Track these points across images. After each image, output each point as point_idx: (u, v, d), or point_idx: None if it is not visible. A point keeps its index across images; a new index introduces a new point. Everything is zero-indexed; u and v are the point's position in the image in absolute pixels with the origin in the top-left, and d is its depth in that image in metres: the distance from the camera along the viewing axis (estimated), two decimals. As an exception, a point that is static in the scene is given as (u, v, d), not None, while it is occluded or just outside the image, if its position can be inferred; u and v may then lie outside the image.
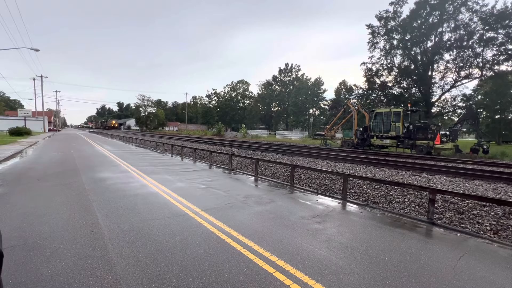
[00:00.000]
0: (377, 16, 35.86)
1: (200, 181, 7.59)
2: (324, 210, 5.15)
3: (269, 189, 6.99)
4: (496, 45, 29.43)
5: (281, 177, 8.99)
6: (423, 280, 2.75)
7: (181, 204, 5.22)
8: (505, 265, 3.18)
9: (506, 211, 5.01)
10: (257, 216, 4.71)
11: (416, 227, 4.42)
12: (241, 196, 6.03)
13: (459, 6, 30.72)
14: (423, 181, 7.56)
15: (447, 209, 5.40)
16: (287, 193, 6.55)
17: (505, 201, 4.44)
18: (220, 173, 9.28)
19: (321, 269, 2.90)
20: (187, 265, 2.90)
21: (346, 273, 2.84)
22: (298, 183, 8.07)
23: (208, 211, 4.82)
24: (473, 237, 4.04)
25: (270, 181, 8.05)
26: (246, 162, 11.67)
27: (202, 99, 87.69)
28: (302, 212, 4.98)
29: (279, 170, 9.80)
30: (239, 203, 5.46)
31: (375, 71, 37.55)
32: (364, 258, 3.20)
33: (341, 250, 3.40)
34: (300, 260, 3.09)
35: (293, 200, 5.94)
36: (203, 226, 4.10)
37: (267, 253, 3.24)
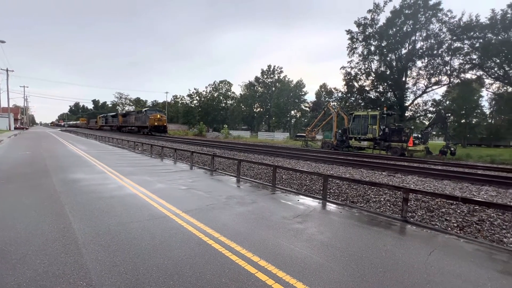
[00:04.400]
0: (356, 22, 37.26)
1: (181, 182, 7.43)
2: (305, 210, 5.25)
3: (251, 189, 7.00)
4: (462, 55, 31.71)
5: (263, 178, 9.04)
6: (397, 275, 2.89)
7: (161, 206, 5.08)
8: (470, 259, 3.42)
9: (470, 209, 5.40)
10: (240, 217, 4.70)
11: (391, 225, 4.64)
12: (223, 197, 5.99)
13: (430, 17, 32.74)
14: (397, 181, 7.95)
15: (419, 208, 5.72)
16: (269, 193, 6.60)
17: (470, 200, 4.80)
18: (201, 174, 9.15)
19: (303, 268, 2.95)
20: (167, 269, 2.83)
21: (326, 271, 2.92)
22: (280, 183, 8.16)
23: (189, 213, 4.73)
24: (442, 234, 4.31)
25: (252, 182, 8.06)
26: (228, 163, 11.61)
27: (184, 98, 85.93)
28: (284, 212, 5.04)
29: (261, 171, 9.85)
30: (221, 204, 5.42)
31: (354, 75, 38.95)
32: (343, 256, 3.31)
33: (322, 249, 3.49)
34: (282, 259, 3.13)
35: (275, 200, 5.99)
36: (184, 228, 4.03)
37: (249, 253, 3.24)
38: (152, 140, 23.15)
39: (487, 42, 29.29)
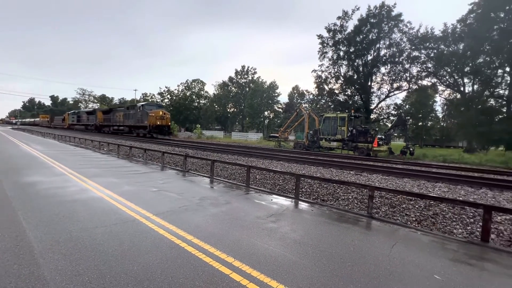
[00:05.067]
0: (326, 28, 38.85)
1: (151, 184, 7.13)
2: (278, 209, 5.35)
3: (225, 190, 6.96)
4: (420, 63, 34.67)
5: (237, 178, 9.02)
6: (364, 267, 3.08)
7: (129, 209, 4.83)
8: (426, 249, 3.76)
9: (426, 204, 5.92)
10: (213, 218, 4.64)
11: (358, 221, 4.91)
12: (196, 198, 5.87)
13: (392, 27, 35.28)
14: (364, 180, 8.44)
15: (383, 204, 6.13)
16: (243, 193, 6.61)
17: (426, 195, 5.27)
18: (173, 175, 8.87)
19: (276, 266, 3.01)
20: (137, 274, 2.70)
21: (299, 268, 3.00)
22: (253, 183, 8.21)
23: (160, 215, 4.56)
24: (402, 227, 4.67)
25: (226, 182, 8.01)
26: (201, 163, 11.40)
27: (154, 96, 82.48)
28: (258, 212, 5.08)
29: (235, 171, 9.82)
30: (194, 206, 5.30)
31: (324, 79, 40.58)
32: (315, 252, 3.43)
33: (294, 247, 3.58)
34: (256, 259, 3.15)
35: (249, 200, 6.02)
36: (155, 231, 3.87)
37: (223, 255, 3.22)
38: (119, 140, 21.86)
39: (440, 52, 32.35)
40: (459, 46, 31.40)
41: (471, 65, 30.53)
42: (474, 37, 28.72)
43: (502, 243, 4.34)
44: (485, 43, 28.62)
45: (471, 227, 4.81)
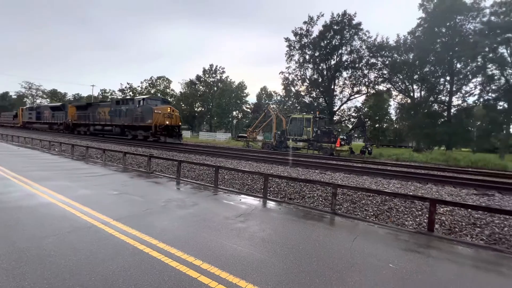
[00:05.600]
0: (293, 31, 40.11)
1: (112, 187, 6.65)
2: (247, 209, 5.37)
3: (193, 191, 6.78)
4: (377, 69, 37.65)
5: (205, 179, 8.85)
6: (328, 262, 3.24)
7: (86, 215, 4.44)
8: (383, 241, 4.09)
9: (382, 199, 6.44)
10: (180, 220, 4.49)
11: (323, 217, 5.16)
12: (162, 201, 5.62)
13: (353, 35, 37.73)
14: (327, 178, 8.88)
15: (345, 200, 6.52)
16: (211, 194, 6.51)
17: (382, 191, 5.74)
18: (136, 176, 8.38)
19: (245, 266, 3.02)
20: (95, 286, 2.50)
21: (268, 266, 3.05)
22: (222, 184, 8.13)
23: (122, 220, 4.28)
24: (362, 222, 5.03)
25: (193, 183, 7.80)
26: (167, 164, 10.94)
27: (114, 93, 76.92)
28: (226, 213, 5.05)
29: (202, 172, 9.62)
30: (159, 209, 5.07)
31: (291, 81, 41.87)
32: (282, 250, 3.52)
33: (263, 246, 3.63)
34: (225, 260, 3.13)
35: (217, 201, 5.95)
36: (116, 237, 3.62)
37: (191, 258, 3.13)
38: (73, 140, 19.94)
39: (393, 61, 35.51)
40: (410, 55, 34.78)
41: (419, 73, 34.02)
42: (422, 48, 32.05)
43: (444, 232, 4.90)
44: (430, 54, 32.10)
45: (419, 219, 5.36)
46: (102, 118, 25.75)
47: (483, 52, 27.69)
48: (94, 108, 27.37)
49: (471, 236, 4.69)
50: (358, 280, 2.85)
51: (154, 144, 19.07)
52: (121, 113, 23.62)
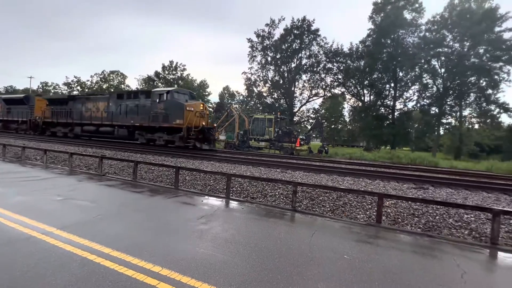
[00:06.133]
0: (255, 33, 40.64)
1: (55, 192, 5.92)
2: (209, 210, 5.28)
3: (151, 194, 6.41)
4: (333, 74, 40.27)
5: (165, 180, 8.44)
6: (289, 257, 3.36)
7: (22, 225, 3.88)
8: (338, 234, 4.39)
9: (338, 195, 6.91)
10: (137, 225, 4.21)
11: (284, 215, 5.33)
12: (115, 205, 5.20)
13: (312, 40, 39.75)
14: (288, 176, 9.20)
15: (304, 198, 6.83)
16: (171, 196, 6.23)
17: (338, 188, 6.17)
18: (85, 180, 7.60)
19: (208, 268, 2.96)
20: (34, 305, 2.20)
21: (230, 266, 3.04)
22: (183, 185, 7.84)
23: (68, 229, 3.84)
24: (320, 217, 5.33)
25: (152, 186, 7.38)
26: (122, 165, 10.15)
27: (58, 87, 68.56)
28: (188, 215, 4.89)
29: (162, 173, 9.15)
30: (112, 214, 4.68)
31: (254, 81, 42.37)
32: (245, 249, 3.54)
33: (226, 246, 3.60)
34: (186, 264, 3.03)
35: (178, 203, 5.73)
36: (60, 248, 3.24)
37: (149, 264, 2.96)
38: (6, 139, 17.18)
39: (347, 66, 38.37)
40: (361, 62, 37.92)
41: (368, 79, 37.32)
42: (371, 56, 35.21)
43: (389, 223, 5.47)
44: (378, 63, 35.46)
45: (369, 212, 5.89)
46: (95, 116, 19.61)
47: (419, 63, 31.59)
48: (79, 102, 21.14)
49: (411, 225, 5.31)
50: (317, 273, 3.01)
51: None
52: (129, 110, 17.80)
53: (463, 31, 28.41)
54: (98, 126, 19.49)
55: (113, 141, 19.20)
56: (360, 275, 3.01)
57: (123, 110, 18.19)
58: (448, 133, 34.17)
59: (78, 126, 20.81)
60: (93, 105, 20.23)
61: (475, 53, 28.69)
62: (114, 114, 18.61)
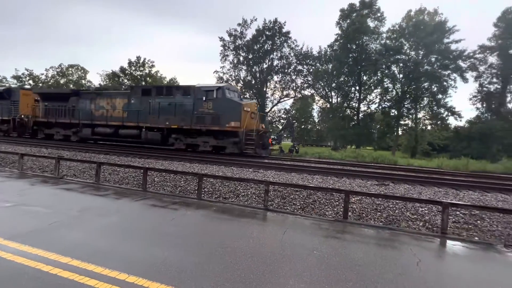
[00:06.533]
0: (227, 32, 40.33)
1: (2, 198, 5.29)
2: (179, 212, 5.13)
3: (116, 197, 6.03)
4: (303, 76, 41.53)
5: (131, 182, 8.01)
6: (262, 256, 3.40)
7: (-41, 237, 3.41)
8: (308, 231, 4.55)
9: (308, 193, 7.15)
10: (100, 231, 3.94)
11: (256, 214, 5.37)
12: (75, 210, 4.80)
13: (283, 42, 40.55)
14: (260, 176, 9.29)
15: (276, 196, 6.95)
16: (139, 199, 5.93)
17: (308, 186, 6.39)
18: (39, 183, 6.91)
19: (179, 273, 2.88)
20: (-23, 326, 1.95)
21: (204, 270, 2.99)
22: (151, 187, 7.51)
23: (18, 238, 3.46)
24: (291, 215, 5.47)
25: (117, 188, 6.95)
26: (83, 167, 9.40)
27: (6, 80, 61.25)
28: (157, 218, 4.70)
29: (128, 175, 8.66)
30: (71, 220, 4.32)
31: (226, 81, 41.94)
32: (218, 251, 3.50)
33: (197, 249, 3.53)
34: (156, 269, 2.91)
35: (146, 205, 5.47)
36: (8, 261, 2.91)
37: (114, 272, 2.79)
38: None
39: (316, 69, 39.86)
40: (329, 66, 39.67)
41: (336, 82, 39.17)
42: (338, 60, 37.01)
43: (355, 218, 5.80)
44: (344, 66, 37.40)
45: (337, 208, 6.19)
46: (112, 116, 16.16)
47: (381, 68, 33.96)
48: (86, 98, 17.28)
49: (374, 220, 5.70)
50: (288, 269, 3.09)
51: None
52: (161, 109, 14.78)
53: (418, 41, 31.22)
54: (117, 128, 15.96)
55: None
56: (329, 269, 3.16)
57: (154, 108, 14.88)
58: (405, 133, 37.25)
59: (88, 128, 16.78)
60: (107, 102, 16.51)
61: (428, 61, 31.69)
62: (142, 114, 15.10)
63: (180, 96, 14.67)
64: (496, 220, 5.35)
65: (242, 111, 13.28)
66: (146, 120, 15.14)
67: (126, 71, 62.82)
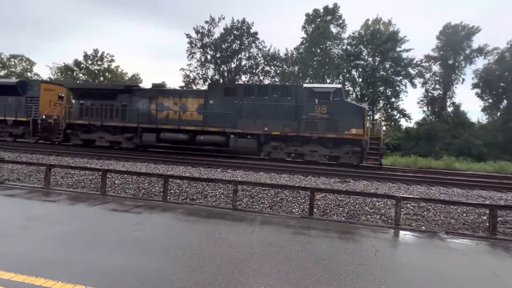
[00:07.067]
0: (194, 29, 39.36)
1: None
2: (143, 216, 4.87)
3: (71, 202, 5.51)
4: (270, 77, 42.30)
5: (88, 186, 7.38)
6: (230, 256, 3.39)
7: None
8: (277, 229, 4.65)
9: (276, 192, 7.30)
10: (51, 241, 3.57)
11: (225, 214, 5.34)
12: (21, 219, 4.28)
13: (251, 42, 40.82)
14: (229, 176, 9.24)
15: (244, 196, 6.97)
16: (97, 203, 5.49)
17: (275, 185, 6.53)
18: (-29, 190, 6.00)
19: (142, 281, 2.72)
20: None
21: (169, 274, 2.88)
22: (111, 190, 7.01)
23: None
24: (260, 214, 5.54)
25: (71, 193, 6.35)
26: (30, 170, 8.39)
27: None
28: (118, 222, 4.41)
29: (84, 178, 7.96)
30: (15, 230, 3.85)
31: (193, 79, 40.92)
32: (185, 254, 3.40)
33: (163, 253, 3.40)
34: (115, 279, 2.72)
35: (106, 210, 5.09)
36: None
37: (69, 285, 2.55)
38: None
39: (283, 71, 40.92)
40: (295, 68, 40.98)
41: (302, 84, 40.66)
42: (304, 63, 38.45)
43: (320, 214, 6.09)
44: (309, 69, 38.98)
45: (303, 206, 6.43)
46: (184, 120, 13.44)
47: (343, 72, 36.13)
48: (143, 96, 14.18)
49: (337, 215, 6.04)
50: (257, 268, 3.13)
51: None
52: (255, 112, 12.58)
53: (375, 48, 33.91)
54: (194, 134, 13.33)
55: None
56: (296, 265, 3.27)
57: (246, 111, 12.64)
58: (364, 133, 40.18)
59: (150, 133, 13.67)
60: (175, 102, 13.66)
61: (383, 67, 34.59)
62: (230, 117, 12.66)
63: (278, 97, 12.54)
64: (439, 211, 6.05)
65: (365, 117, 11.94)
66: (235, 125, 12.75)
67: (81, 64, 57.54)
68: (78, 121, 14.72)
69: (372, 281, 2.94)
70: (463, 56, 32.66)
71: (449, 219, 5.80)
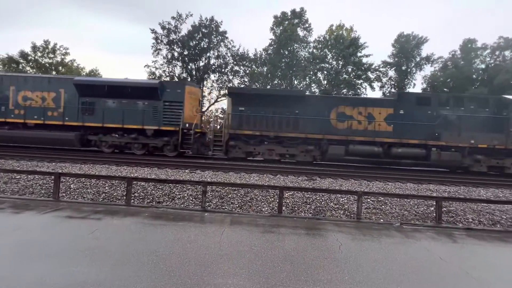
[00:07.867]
0: (160, 24, 37.65)
1: None
2: (104, 222, 4.54)
3: (16, 210, 4.91)
4: (240, 77, 42.28)
5: (38, 192, 6.65)
6: (200, 259, 3.31)
7: None
8: (247, 228, 4.66)
9: (245, 191, 7.32)
10: (-9, 255, 3.14)
11: (193, 216, 5.20)
12: (-50, 233, 3.70)
13: (220, 41, 40.35)
14: (198, 177, 9.03)
15: (214, 197, 6.86)
16: (48, 211, 4.97)
17: (245, 184, 6.55)
18: None
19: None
20: None
21: (133, 284, 2.71)
22: (67, 195, 6.40)
23: None
24: (229, 214, 5.50)
25: (16, 200, 5.66)
26: (-40, 176, 7.28)
27: None
28: (74, 231, 4.04)
29: (33, 183, 7.15)
30: None
31: (159, 76, 39.12)
32: (150, 260, 3.23)
33: (127, 262, 3.19)
34: (73, 291, 2.50)
35: (59, 218, 4.64)
36: None
37: (14, 303, 2.27)
38: None
39: (252, 71, 41.18)
40: (264, 68, 41.53)
41: (270, 84, 41.30)
42: (272, 64, 39.14)
43: (288, 212, 6.24)
44: (278, 70, 39.80)
45: (272, 204, 6.54)
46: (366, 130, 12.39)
47: (309, 74, 37.58)
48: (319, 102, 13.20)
49: (304, 212, 6.25)
50: (227, 268, 3.10)
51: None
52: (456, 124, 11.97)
53: (338, 52, 35.87)
54: (387, 146, 12.26)
55: None
56: (266, 263, 3.31)
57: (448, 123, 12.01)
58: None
59: (338, 146, 12.36)
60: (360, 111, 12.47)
61: (346, 71, 36.75)
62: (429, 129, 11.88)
63: (474, 108, 12.17)
64: (395, 204, 6.59)
65: None
66: (437, 137, 12.03)
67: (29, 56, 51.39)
68: (246, 131, 12.83)
69: (337, 273, 3.10)
70: (413, 63, 36.13)
71: (403, 211, 6.35)
